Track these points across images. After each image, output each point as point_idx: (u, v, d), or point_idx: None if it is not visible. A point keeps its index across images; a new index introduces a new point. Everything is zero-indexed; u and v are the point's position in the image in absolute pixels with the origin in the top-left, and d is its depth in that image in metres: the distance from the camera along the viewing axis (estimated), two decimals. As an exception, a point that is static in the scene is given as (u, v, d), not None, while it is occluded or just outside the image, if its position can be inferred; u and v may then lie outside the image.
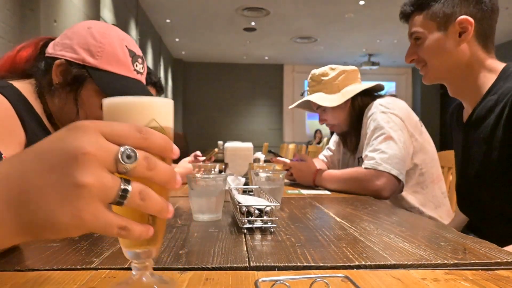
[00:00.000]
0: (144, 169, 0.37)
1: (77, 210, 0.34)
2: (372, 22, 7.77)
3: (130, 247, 0.44)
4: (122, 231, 0.36)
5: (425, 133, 1.54)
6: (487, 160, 1.04)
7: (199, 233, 0.77)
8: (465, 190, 1.19)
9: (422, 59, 1.16)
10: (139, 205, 0.36)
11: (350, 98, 1.60)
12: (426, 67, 1.16)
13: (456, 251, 0.65)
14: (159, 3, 6.81)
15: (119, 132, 0.37)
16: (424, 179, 1.49)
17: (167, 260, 0.59)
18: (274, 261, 0.58)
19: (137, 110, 0.43)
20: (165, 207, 0.38)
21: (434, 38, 1.12)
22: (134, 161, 0.36)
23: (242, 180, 1.26)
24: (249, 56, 10.84)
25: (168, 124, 0.44)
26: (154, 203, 0.37)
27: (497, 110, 1.00)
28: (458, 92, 1.16)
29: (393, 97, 1.58)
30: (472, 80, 1.10)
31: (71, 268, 0.55)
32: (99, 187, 0.34)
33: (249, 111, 11.69)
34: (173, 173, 0.39)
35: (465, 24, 1.07)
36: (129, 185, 0.36)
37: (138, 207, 0.37)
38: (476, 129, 1.08)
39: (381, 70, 10.98)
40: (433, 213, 1.47)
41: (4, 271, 0.54)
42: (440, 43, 1.11)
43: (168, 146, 0.39)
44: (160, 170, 0.38)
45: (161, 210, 0.38)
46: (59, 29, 3.38)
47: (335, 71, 1.65)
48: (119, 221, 0.36)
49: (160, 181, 0.38)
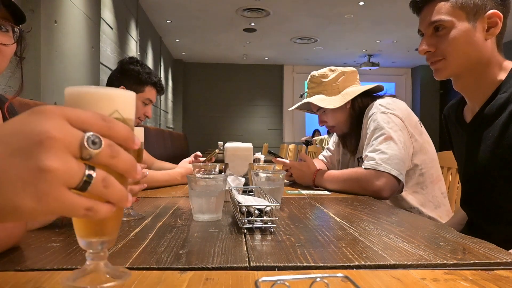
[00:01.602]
0: (108, 157, 0.37)
1: (42, 194, 0.34)
2: (372, 22, 7.77)
3: (85, 236, 0.44)
4: (89, 211, 0.36)
5: (425, 134, 1.54)
6: (495, 158, 1.02)
7: (199, 233, 0.77)
8: (470, 188, 1.17)
9: (441, 52, 1.07)
10: (101, 192, 0.37)
11: (350, 99, 1.60)
12: (445, 61, 1.08)
13: (455, 251, 0.65)
14: (159, 3, 6.81)
15: (84, 118, 0.37)
16: (424, 180, 1.49)
17: (167, 260, 0.59)
18: (274, 261, 0.59)
19: (101, 100, 0.43)
20: (126, 196, 0.39)
21: (463, 28, 1.04)
22: (99, 148, 0.36)
23: (242, 180, 1.26)
24: (249, 57, 10.83)
25: (130, 116, 0.45)
26: (116, 191, 0.38)
27: (509, 108, 0.98)
28: (468, 88, 1.11)
29: (393, 97, 1.58)
30: (486, 77, 1.07)
31: (71, 268, 0.55)
32: (64, 171, 0.34)
33: (249, 112, 11.68)
34: (134, 163, 0.39)
35: (495, 18, 1.03)
36: (94, 171, 0.36)
37: (100, 194, 0.37)
38: (485, 127, 1.06)
39: (381, 71, 10.98)
40: (433, 213, 1.48)
41: (5, 271, 0.54)
42: (468, 35, 1.04)
43: (131, 137, 0.40)
44: (123, 159, 0.38)
45: (121, 198, 0.38)
46: (60, 30, 3.38)
47: (335, 73, 1.66)
48: (85, 203, 0.36)
49: (122, 169, 0.38)
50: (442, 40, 1.06)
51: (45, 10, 3.13)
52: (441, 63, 1.09)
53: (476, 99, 1.11)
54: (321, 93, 1.66)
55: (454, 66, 1.07)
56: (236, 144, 1.87)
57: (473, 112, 1.13)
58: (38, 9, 3.04)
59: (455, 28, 1.04)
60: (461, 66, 1.07)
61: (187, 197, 1.29)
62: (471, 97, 1.14)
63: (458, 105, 1.22)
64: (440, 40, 1.07)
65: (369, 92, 1.62)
